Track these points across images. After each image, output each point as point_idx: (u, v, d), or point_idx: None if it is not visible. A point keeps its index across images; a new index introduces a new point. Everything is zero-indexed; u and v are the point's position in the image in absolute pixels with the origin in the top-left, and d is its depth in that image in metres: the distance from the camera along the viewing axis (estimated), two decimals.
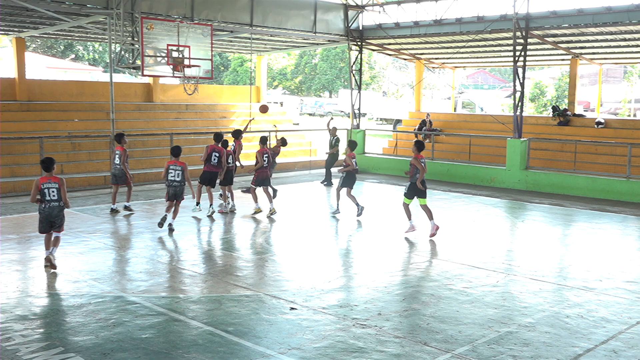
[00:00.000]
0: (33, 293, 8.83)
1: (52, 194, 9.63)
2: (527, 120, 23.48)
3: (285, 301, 8.55)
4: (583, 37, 20.79)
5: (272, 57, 62.88)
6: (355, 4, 23.49)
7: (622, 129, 22.28)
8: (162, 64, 16.74)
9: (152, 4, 17.93)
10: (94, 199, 16.35)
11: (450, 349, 7.03)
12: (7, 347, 6.87)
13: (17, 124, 19.89)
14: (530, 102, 48.33)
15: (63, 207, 9.78)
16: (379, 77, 67.50)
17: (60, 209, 9.76)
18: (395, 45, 25.35)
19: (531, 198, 17.93)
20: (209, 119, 25.02)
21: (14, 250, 11.12)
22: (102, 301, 8.43)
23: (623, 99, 49.08)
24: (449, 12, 21.69)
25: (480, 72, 73.71)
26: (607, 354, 7.00)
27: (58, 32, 21.97)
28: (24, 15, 17.90)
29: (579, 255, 11.68)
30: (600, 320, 8.04)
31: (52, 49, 56.88)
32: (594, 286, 9.53)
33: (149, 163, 20.43)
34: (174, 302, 8.51)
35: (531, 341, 7.29)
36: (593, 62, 25.87)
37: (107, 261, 10.64)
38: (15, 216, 14.10)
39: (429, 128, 25.41)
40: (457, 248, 12.01)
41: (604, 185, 18.19)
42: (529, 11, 19.39)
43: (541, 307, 8.53)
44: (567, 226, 14.69)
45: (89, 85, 24.86)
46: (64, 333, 7.32)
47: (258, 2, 20.68)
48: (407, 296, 8.94)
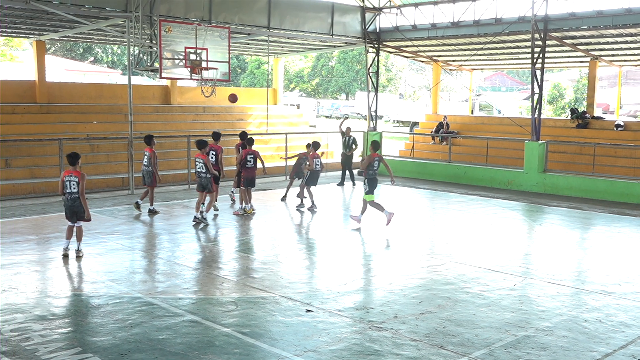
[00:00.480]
0: (52, 293, 8.91)
1: (72, 187, 10.46)
2: (545, 123, 23.30)
3: (301, 303, 8.55)
4: (602, 38, 20.60)
5: (289, 59, 63.00)
6: (373, 6, 23.47)
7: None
8: (180, 66, 16.82)
9: (170, 7, 18.05)
10: (112, 200, 16.48)
11: (466, 352, 6.99)
12: (26, 346, 6.95)
13: (37, 126, 20.09)
14: (549, 105, 48.00)
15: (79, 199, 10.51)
16: (395, 80, 67.35)
17: (79, 201, 10.52)
18: (413, 48, 25.30)
19: (549, 201, 17.79)
20: (226, 121, 25.11)
21: (33, 251, 11.24)
22: (120, 302, 8.50)
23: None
24: (467, 14, 21.60)
25: (498, 74, 73.32)
26: (626, 358, 6.92)
27: (77, 34, 22.16)
28: (44, 19, 18.10)
29: (598, 259, 11.56)
30: (619, 325, 7.95)
31: (72, 51, 57.42)
32: (613, 290, 9.44)
33: (167, 165, 20.52)
34: (190, 303, 8.55)
35: (549, 345, 7.23)
36: (612, 64, 25.63)
37: (124, 262, 10.71)
38: (35, 217, 14.24)
39: (446, 130, 25.32)
40: (474, 251, 11.94)
41: (623, 189, 18.00)
42: (548, 13, 19.25)
43: (559, 311, 8.46)
44: (585, 230, 14.56)
45: (107, 87, 25.06)
46: (82, 333, 7.38)
47: (275, 5, 20.73)
48: (424, 299, 8.91)
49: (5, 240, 11.87)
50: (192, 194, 17.64)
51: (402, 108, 54.16)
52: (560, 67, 39.07)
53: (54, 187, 16.82)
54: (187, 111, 24.83)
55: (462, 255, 11.56)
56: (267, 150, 24.23)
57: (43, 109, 21.32)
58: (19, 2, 15.51)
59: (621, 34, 19.60)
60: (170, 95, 25.02)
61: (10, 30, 21.30)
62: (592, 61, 24.11)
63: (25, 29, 20.60)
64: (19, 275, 9.61)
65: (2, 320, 7.69)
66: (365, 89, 25.21)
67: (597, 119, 23.87)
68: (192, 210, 15.24)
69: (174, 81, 24.14)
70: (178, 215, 14.97)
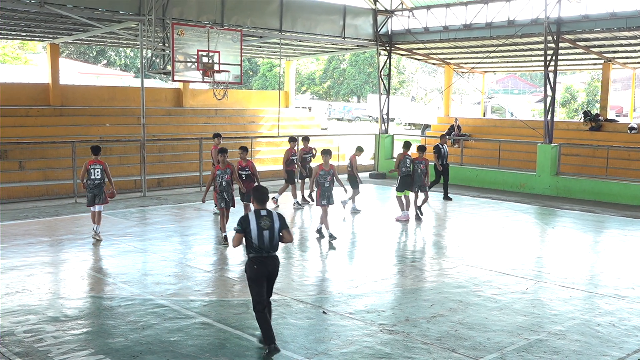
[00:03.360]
0: (65, 295, 8.96)
1: (97, 174, 12.09)
2: (558, 126, 23.16)
3: (312, 306, 8.55)
4: (616, 41, 20.46)
5: (301, 62, 63.03)
6: (385, 9, 23.45)
7: None
8: (192, 69, 16.89)
9: (183, 10, 18.12)
10: (124, 202, 16.55)
11: (478, 356, 6.96)
12: (38, 348, 6.99)
13: (51, 128, 20.24)
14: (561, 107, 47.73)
15: (103, 184, 12.16)
16: (407, 82, 67.27)
17: (100, 186, 12.13)
18: (425, 50, 25.25)
19: (562, 204, 17.68)
20: (237, 124, 25.18)
21: (46, 253, 11.31)
22: (132, 304, 8.53)
23: None
24: (479, 17, 21.53)
25: (511, 76, 72.98)
26: None
27: (91, 38, 22.30)
28: (58, 22, 18.23)
29: (611, 262, 11.48)
30: (632, 329, 7.89)
31: (85, 54, 57.84)
32: (626, 294, 9.36)
33: (179, 167, 20.62)
34: (202, 305, 8.57)
35: (561, 349, 7.19)
36: (626, 67, 25.46)
37: (137, 264, 10.76)
38: (48, 219, 14.33)
39: (458, 133, 25.24)
40: (486, 254, 11.89)
41: (637, 192, 17.86)
42: (561, 15, 19.15)
43: (572, 314, 8.41)
44: (598, 233, 14.46)
45: (120, 90, 25.18)
46: (95, 335, 7.42)
47: (287, 8, 20.77)
48: (435, 302, 8.88)
49: (18, 242, 11.96)
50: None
51: (414, 111, 54.02)
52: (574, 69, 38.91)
53: (67, 190, 16.95)
54: (199, 114, 24.92)
55: (474, 258, 11.51)
56: (278, 152, 24.30)
57: (56, 111, 21.48)
58: (33, 6, 15.63)
59: (635, 36, 19.45)
60: (182, 98, 25.12)
61: (25, 33, 21.47)
62: (606, 63, 23.97)
63: (39, 33, 20.76)
64: (32, 277, 9.68)
65: (16, 322, 7.75)
66: (377, 91, 25.20)
67: (610, 121, 23.70)
68: (204, 213, 15.33)
69: (186, 84, 24.23)
70: (190, 218, 15.02)
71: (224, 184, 12.18)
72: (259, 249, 6.96)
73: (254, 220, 6.93)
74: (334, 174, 12.85)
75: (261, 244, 6.93)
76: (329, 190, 12.80)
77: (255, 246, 6.95)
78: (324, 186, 12.75)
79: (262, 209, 7.04)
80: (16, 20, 18.11)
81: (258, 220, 6.93)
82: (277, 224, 7.01)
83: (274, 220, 7.00)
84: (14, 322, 7.74)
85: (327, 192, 12.76)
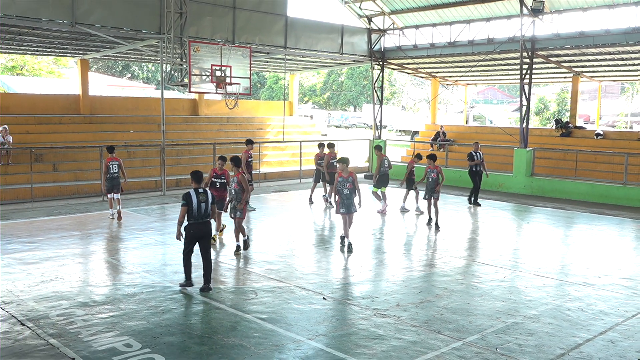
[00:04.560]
0: (93, 283, 8.95)
1: (114, 168, 13.46)
2: (532, 132, 23.14)
3: (314, 292, 8.54)
4: (584, 57, 20.45)
5: (303, 75, 62.99)
6: (378, 28, 23.44)
7: (619, 139, 21.85)
8: (207, 82, 16.86)
9: (198, 29, 18.10)
10: (146, 200, 16.55)
11: (461, 337, 6.95)
12: (70, 330, 6.98)
13: (81, 134, 20.23)
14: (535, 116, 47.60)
15: (119, 177, 13.45)
16: (398, 93, 67.19)
17: (118, 179, 13.47)
18: (414, 65, 25.23)
19: (535, 202, 17.66)
20: (247, 131, 25.15)
21: (77, 245, 11.31)
22: (153, 291, 8.52)
23: (620, 113, 48.25)
24: (462, 35, 21.52)
25: (490, 88, 72.88)
26: (605, 343, 6.85)
27: (117, 54, 22.29)
28: (87, 40, 18.22)
29: (579, 254, 11.46)
30: (598, 313, 7.88)
31: (112, 69, 57.79)
32: (593, 282, 9.35)
33: (194, 169, 20.55)
34: (215, 292, 8.56)
35: (535, 331, 7.18)
36: (593, 80, 25.42)
37: (157, 255, 10.75)
38: (78, 215, 14.33)
39: (443, 139, 25.21)
40: (468, 246, 11.88)
41: (603, 191, 17.84)
42: (535, 34, 19.15)
43: (544, 300, 8.40)
44: (568, 228, 14.44)
45: (142, 100, 25.17)
46: (120, 318, 7.41)
47: (291, 27, 20.74)
48: (423, 289, 8.87)
49: (52, 235, 11.95)
50: None
51: (404, 119, 54.02)
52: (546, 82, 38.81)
53: (95, 189, 16.95)
54: (213, 121, 24.90)
55: (457, 250, 11.50)
56: (283, 156, 24.28)
57: (86, 119, 21.47)
58: (66, 26, 15.63)
59: (601, 52, 19.44)
60: (198, 108, 25.11)
61: (58, 50, 21.47)
62: (575, 77, 23.94)
63: (70, 49, 20.76)
64: (64, 267, 9.67)
65: (50, 306, 7.75)
66: (371, 101, 25.16)
67: (579, 128, 23.66)
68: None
69: (201, 95, 24.21)
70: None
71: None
72: (197, 217, 8.31)
73: (195, 196, 8.31)
74: (353, 181, 11.05)
75: (199, 213, 8.29)
76: (348, 198, 11.05)
77: (194, 215, 8.28)
78: (342, 193, 11.05)
79: (199, 187, 8.46)
80: (50, 39, 18.11)
81: (197, 196, 8.34)
82: (210, 199, 8.44)
83: (208, 196, 8.44)
84: (48, 306, 7.74)
85: (345, 200, 11.06)
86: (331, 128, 55.67)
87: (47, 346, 6.53)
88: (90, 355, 6.30)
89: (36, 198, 15.81)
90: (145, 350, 6.44)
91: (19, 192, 16.06)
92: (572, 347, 6.74)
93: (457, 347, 6.65)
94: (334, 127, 57.98)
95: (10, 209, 14.76)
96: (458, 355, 6.45)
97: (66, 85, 31.30)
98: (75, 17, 15.62)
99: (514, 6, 19.59)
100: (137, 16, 16.85)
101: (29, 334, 6.85)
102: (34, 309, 7.63)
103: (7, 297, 8.06)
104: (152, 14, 17.05)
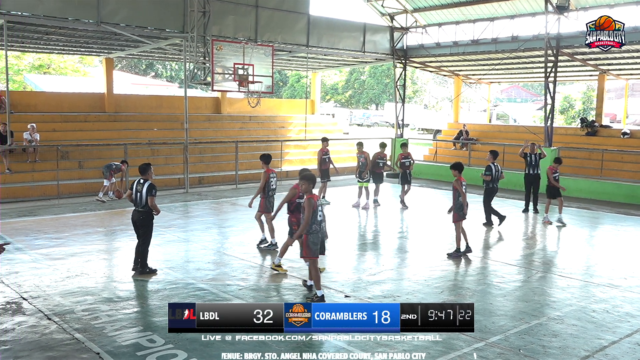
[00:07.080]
0: (117, 279, 9.07)
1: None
2: (557, 131, 22.82)
3: (335, 291, 8.53)
4: (610, 54, 20.08)
5: (325, 73, 62.87)
6: (400, 26, 23.34)
7: None
8: (229, 80, 16.97)
9: (221, 28, 18.20)
10: (169, 198, 16.69)
11: (484, 337, 6.89)
12: (95, 325, 7.08)
13: (106, 132, 20.47)
14: (560, 114, 46.96)
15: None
16: (420, 92, 66.79)
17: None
18: (436, 63, 25.06)
19: None
20: (269, 129, 25.24)
21: (102, 242, 11.46)
22: (176, 287, 8.59)
23: None
24: (486, 33, 21.33)
25: (514, 86, 72.00)
26: (631, 346, 6.74)
27: (141, 53, 22.53)
28: (112, 39, 18.44)
29: (605, 254, 11.28)
30: (624, 315, 7.75)
31: (136, 67, 58.40)
32: (619, 284, 9.20)
33: (217, 167, 20.73)
34: (237, 289, 8.60)
35: (559, 333, 7.09)
36: (619, 78, 25.01)
37: (180, 252, 10.84)
38: (103, 212, 14.52)
39: (466, 138, 25.01)
40: (492, 246, 11.77)
41: (629, 191, 17.54)
42: (560, 31, 18.89)
43: (569, 301, 8.28)
44: (593, 228, 14.23)
45: (166, 99, 25.39)
46: (143, 314, 7.49)
47: (314, 26, 20.75)
48: (445, 289, 8.81)
49: (78, 231, 12.13)
50: (238, 192, 17.79)
51: (426, 117, 53.72)
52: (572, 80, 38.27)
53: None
54: (235, 120, 25.01)
55: (480, 249, 11.40)
56: (305, 154, 24.31)
57: (111, 117, 21.72)
58: (92, 25, 15.84)
59: (628, 50, 19.09)
60: (220, 106, 25.24)
61: (84, 49, 21.76)
62: (601, 75, 23.55)
63: (96, 48, 21.03)
64: (89, 263, 9.81)
65: (75, 302, 7.86)
66: (394, 100, 25.08)
67: (605, 127, 23.29)
68: (239, 207, 15.38)
69: (224, 93, 24.33)
70: (227, 212, 15.10)
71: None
72: (134, 205, 9.16)
73: (134, 185, 9.07)
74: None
75: (135, 201, 9.08)
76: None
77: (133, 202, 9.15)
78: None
79: (142, 178, 9.06)
80: (76, 38, 18.36)
81: (137, 185, 9.04)
82: (144, 191, 8.97)
83: (143, 187, 8.99)
84: (73, 301, 7.86)
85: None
86: (353, 126, 55.58)
87: (72, 340, 6.63)
88: (114, 350, 6.38)
89: (62, 195, 16.04)
90: (169, 346, 6.49)
91: (46, 188, 16.32)
92: (597, 349, 6.64)
93: (479, 348, 6.59)
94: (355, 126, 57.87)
95: (37, 205, 15.02)
96: (481, 356, 6.39)
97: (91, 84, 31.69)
98: (101, 16, 15.83)
99: (539, 3, 19.34)
100: (161, 15, 17.01)
101: (55, 328, 6.96)
102: (60, 304, 7.75)
103: (34, 292, 8.20)
104: (175, 13, 17.20)
